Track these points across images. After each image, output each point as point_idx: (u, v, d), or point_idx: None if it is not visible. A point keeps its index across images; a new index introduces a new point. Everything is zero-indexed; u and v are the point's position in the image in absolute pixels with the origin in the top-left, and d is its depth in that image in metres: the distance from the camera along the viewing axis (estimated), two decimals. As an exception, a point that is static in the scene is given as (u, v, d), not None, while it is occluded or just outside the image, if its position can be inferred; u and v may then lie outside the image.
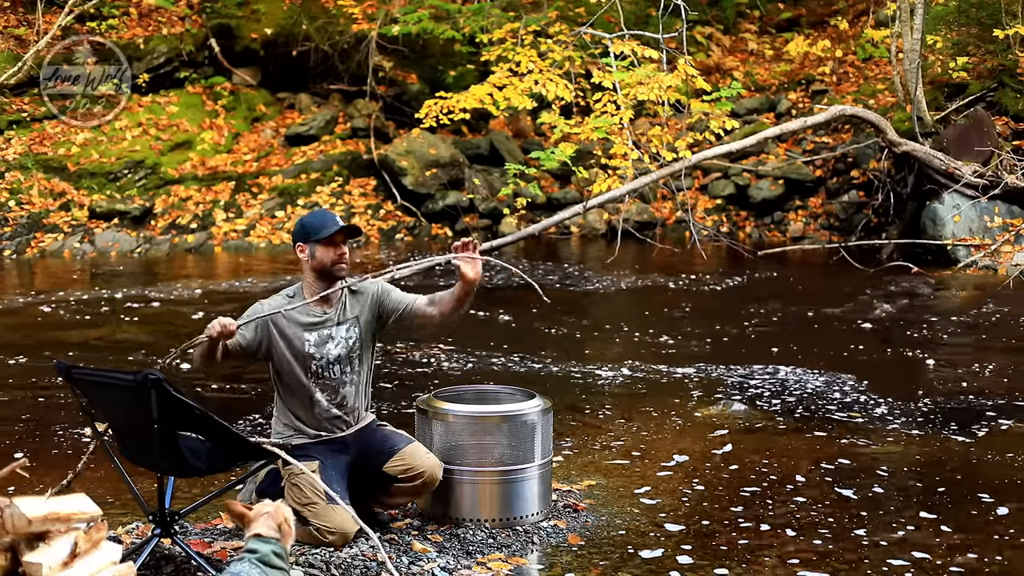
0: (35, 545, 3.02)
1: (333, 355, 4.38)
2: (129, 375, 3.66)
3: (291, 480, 4.24)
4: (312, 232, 4.34)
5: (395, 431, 4.55)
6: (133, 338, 9.07)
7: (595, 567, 4.20)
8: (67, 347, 8.56)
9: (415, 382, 7.41)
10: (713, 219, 15.24)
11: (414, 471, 4.37)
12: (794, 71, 17.73)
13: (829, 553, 4.37)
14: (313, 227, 4.36)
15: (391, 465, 4.39)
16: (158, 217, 14.84)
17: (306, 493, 4.20)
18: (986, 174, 12.23)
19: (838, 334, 9.00)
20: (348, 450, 4.41)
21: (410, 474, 4.38)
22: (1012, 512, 4.85)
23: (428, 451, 4.48)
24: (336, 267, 4.36)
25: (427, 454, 4.44)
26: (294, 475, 4.22)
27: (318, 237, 4.32)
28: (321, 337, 4.37)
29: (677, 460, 5.66)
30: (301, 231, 4.40)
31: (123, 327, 9.54)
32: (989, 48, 13.76)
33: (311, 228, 4.36)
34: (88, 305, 10.50)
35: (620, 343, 8.95)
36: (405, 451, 4.39)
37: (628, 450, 5.86)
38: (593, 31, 11.42)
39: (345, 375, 4.42)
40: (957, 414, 6.53)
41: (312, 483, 4.19)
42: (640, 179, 11.22)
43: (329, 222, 4.36)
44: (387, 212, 15.50)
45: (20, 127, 15.36)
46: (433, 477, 4.41)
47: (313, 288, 4.38)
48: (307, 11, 17.08)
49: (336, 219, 4.39)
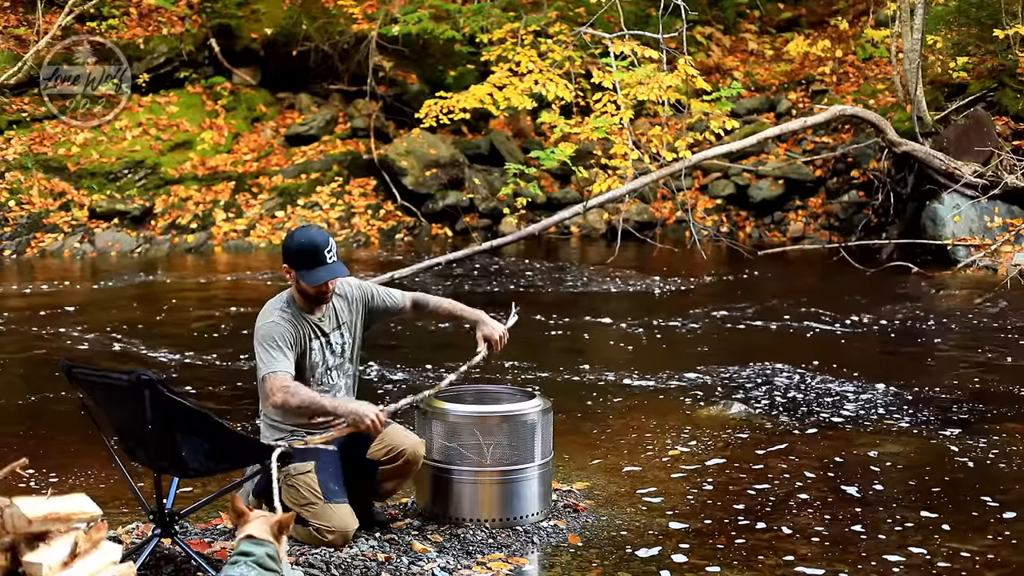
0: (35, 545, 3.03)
1: (331, 362, 4.39)
2: (123, 375, 3.66)
3: (287, 481, 4.22)
4: (301, 266, 4.24)
5: None
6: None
7: (595, 567, 4.20)
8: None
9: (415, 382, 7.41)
10: (713, 219, 15.24)
11: (395, 451, 4.37)
12: (794, 71, 17.72)
13: (829, 552, 4.37)
14: (303, 262, 4.23)
15: (373, 449, 4.38)
16: (158, 217, 14.84)
17: (303, 494, 4.20)
18: (986, 174, 12.22)
19: (838, 334, 9.00)
20: (339, 447, 4.41)
21: (392, 454, 4.38)
22: (1012, 512, 4.85)
23: (408, 431, 4.47)
24: (320, 299, 4.34)
25: (406, 433, 4.43)
26: (290, 476, 4.21)
27: (304, 279, 4.24)
28: (322, 344, 4.38)
29: (677, 460, 5.66)
30: (292, 258, 4.27)
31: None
32: (989, 48, 13.74)
33: (300, 261, 4.24)
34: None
35: (620, 343, 8.95)
36: (386, 432, 4.38)
37: (628, 450, 5.86)
38: (593, 31, 11.41)
39: (339, 378, 4.45)
40: (957, 414, 6.53)
41: (309, 483, 4.20)
42: (640, 179, 11.22)
43: (320, 261, 4.21)
44: (387, 212, 15.49)
45: (20, 127, 15.35)
46: (415, 454, 4.40)
47: (302, 300, 4.34)
48: (307, 11, 17.07)
49: (328, 255, 4.23)
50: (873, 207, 14.08)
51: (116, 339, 8.98)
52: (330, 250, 4.26)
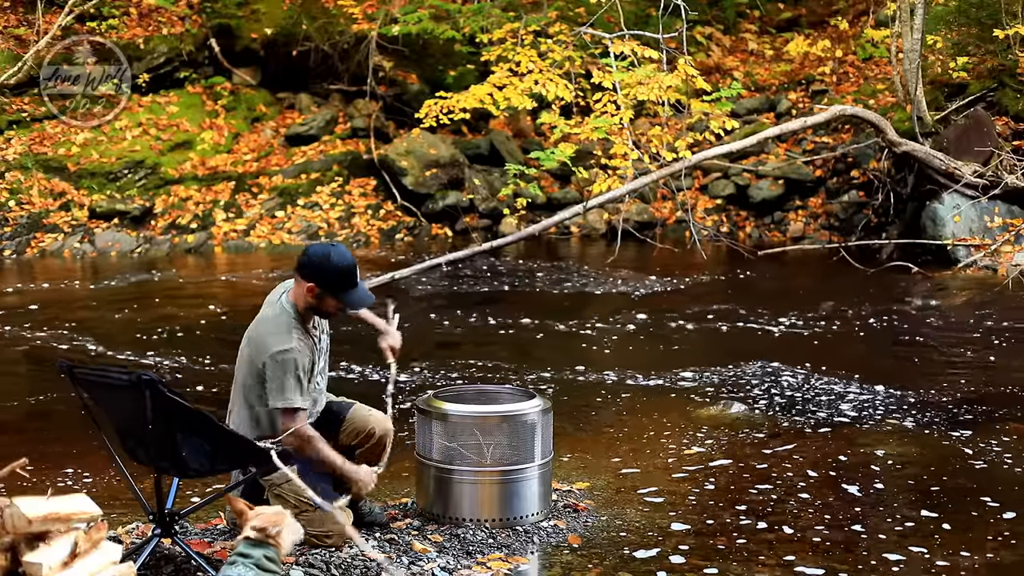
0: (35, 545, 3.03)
1: (319, 366, 4.38)
2: (124, 375, 3.66)
3: (274, 491, 4.18)
4: (339, 290, 4.16)
5: (337, 399, 4.56)
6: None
7: (595, 567, 4.20)
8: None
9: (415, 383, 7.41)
10: (713, 219, 15.24)
11: (364, 432, 4.41)
12: (794, 71, 17.72)
13: (828, 552, 4.38)
14: (342, 285, 4.16)
15: (343, 434, 4.42)
16: (158, 217, 14.84)
17: (291, 503, 4.10)
18: (986, 174, 12.22)
19: (838, 334, 9.00)
20: None
21: (362, 437, 4.41)
22: (1012, 512, 4.85)
23: (369, 408, 4.49)
24: (332, 316, 4.34)
25: (370, 411, 4.47)
26: (275, 485, 4.17)
27: (343, 300, 4.19)
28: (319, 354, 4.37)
29: (677, 460, 5.66)
30: (331, 281, 4.15)
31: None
32: (989, 48, 13.74)
33: (339, 284, 4.15)
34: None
35: (619, 343, 8.95)
36: (349, 417, 4.41)
37: (628, 450, 5.86)
38: (593, 31, 11.41)
39: (323, 381, 4.46)
40: (957, 414, 6.53)
41: (297, 491, 4.07)
42: (640, 179, 11.22)
43: (359, 289, 4.19)
44: (387, 212, 15.49)
45: (20, 127, 15.35)
46: (385, 429, 4.43)
47: (305, 314, 4.25)
48: (307, 11, 17.06)
49: (368, 291, 4.26)
50: (873, 207, 14.08)
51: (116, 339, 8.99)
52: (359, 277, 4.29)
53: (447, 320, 9.51)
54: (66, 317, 9.95)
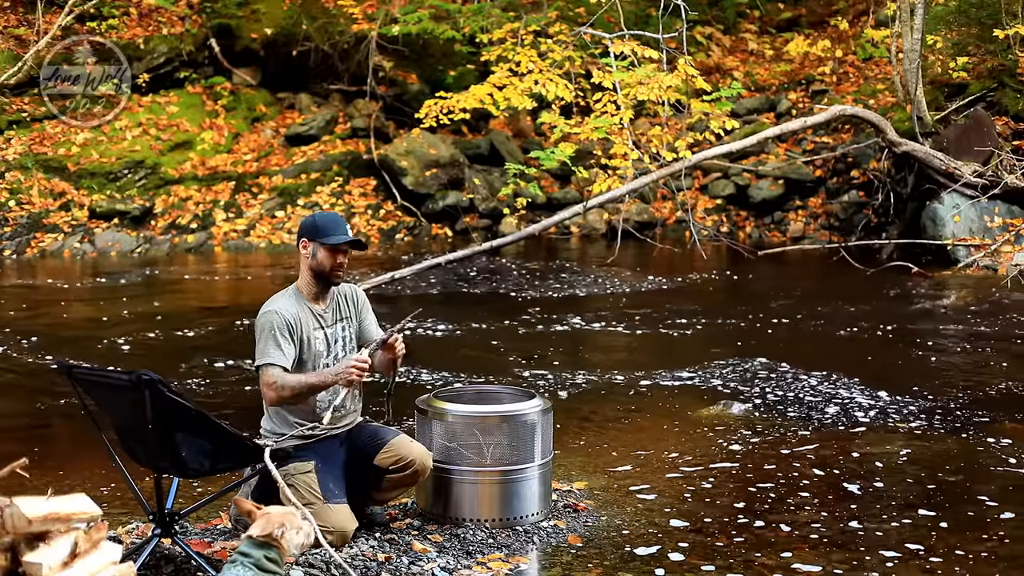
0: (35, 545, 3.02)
1: (331, 354, 4.40)
2: (124, 375, 3.66)
3: (288, 481, 4.23)
4: (320, 233, 4.34)
5: (382, 426, 4.58)
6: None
7: (595, 567, 4.21)
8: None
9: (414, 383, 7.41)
10: (713, 219, 15.24)
11: (404, 460, 4.39)
12: (794, 71, 17.72)
13: (827, 551, 4.38)
14: (323, 229, 4.35)
15: (381, 457, 4.40)
16: (158, 217, 14.85)
17: (303, 494, 4.18)
18: (986, 174, 12.23)
19: (837, 334, 9.01)
20: (342, 447, 4.42)
21: (400, 464, 4.39)
22: (1010, 512, 4.85)
23: (413, 440, 4.50)
24: (333, 274, 4.38)
25: (415, 444, 4.47)
26: (290, 476, 4.22)
27: (324, 241, 4.33)
28: (327, 336, 4.40)
29: (677, 460, 5.66)
30: (311, 229, 4.39)
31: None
32: (989, 48, 13.75)
33: (320, 229, 4.36)
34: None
35: (619, 343, 8.95)
36: (393, 442, 4.41)
37: (628, 450, 5.86)
38: (593, 31, 11.42)
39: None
40: (956, 413, 6.53)
41: (309, 484, 4.21)
42: (640, 179, 11.23)
43: (339, 230, 4.37)
44: (387, 212, 15.50)
45: (20, 127, 15.36)
46: (424, 465, 4.42)
47: (310, 288, 4.40)
48: (307, 11, 17.07)
49: (347, 229, 4.41)
50: (873, 207, 14.09)
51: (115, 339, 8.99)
52: (346, 226, 4.44)
53: (447, 320, 9.52)
54: (66, 317, 9.96)
